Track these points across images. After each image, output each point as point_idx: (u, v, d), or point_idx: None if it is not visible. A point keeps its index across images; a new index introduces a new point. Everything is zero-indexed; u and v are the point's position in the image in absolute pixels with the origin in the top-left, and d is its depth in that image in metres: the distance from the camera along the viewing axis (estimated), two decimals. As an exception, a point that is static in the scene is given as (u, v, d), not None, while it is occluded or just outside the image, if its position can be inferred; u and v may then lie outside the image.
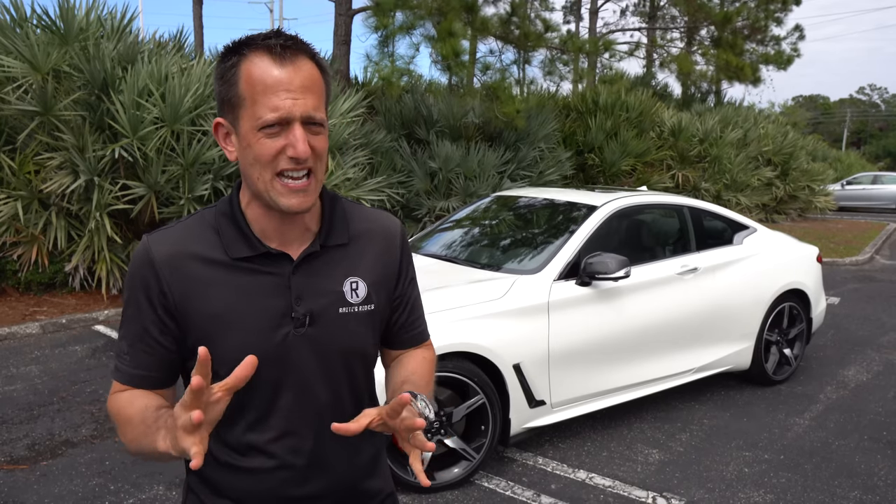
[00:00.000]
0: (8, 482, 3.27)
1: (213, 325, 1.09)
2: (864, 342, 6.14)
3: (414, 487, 3.24)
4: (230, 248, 1.11)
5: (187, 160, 6.67)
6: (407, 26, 9.17)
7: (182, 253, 1.11)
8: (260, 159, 1.04)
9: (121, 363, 1.13)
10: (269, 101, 1.01)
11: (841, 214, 20.92)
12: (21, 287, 6.65)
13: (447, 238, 4.63)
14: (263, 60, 1.02)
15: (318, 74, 1.06)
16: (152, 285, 1.09)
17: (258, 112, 1.02)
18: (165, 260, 1.10)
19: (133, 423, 1.06)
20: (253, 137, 1.03)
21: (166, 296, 1.09)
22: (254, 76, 1.02)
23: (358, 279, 1.19)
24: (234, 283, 1.10)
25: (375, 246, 1.22)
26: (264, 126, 1.02)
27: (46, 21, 6.61)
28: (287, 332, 1.12)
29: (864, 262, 11.21)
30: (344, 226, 1.19)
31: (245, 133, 1.04)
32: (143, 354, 1.11)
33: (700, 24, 16.02)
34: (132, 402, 1.09)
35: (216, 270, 1.10)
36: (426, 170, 9.48)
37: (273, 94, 1.01)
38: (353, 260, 1.19)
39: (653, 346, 4.06)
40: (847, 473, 3.61)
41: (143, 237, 1.14)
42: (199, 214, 1.16)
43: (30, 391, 4.42)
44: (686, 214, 4.60)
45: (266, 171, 1.05)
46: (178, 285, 1.09)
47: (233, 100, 1.05)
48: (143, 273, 1.10)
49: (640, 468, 3.61)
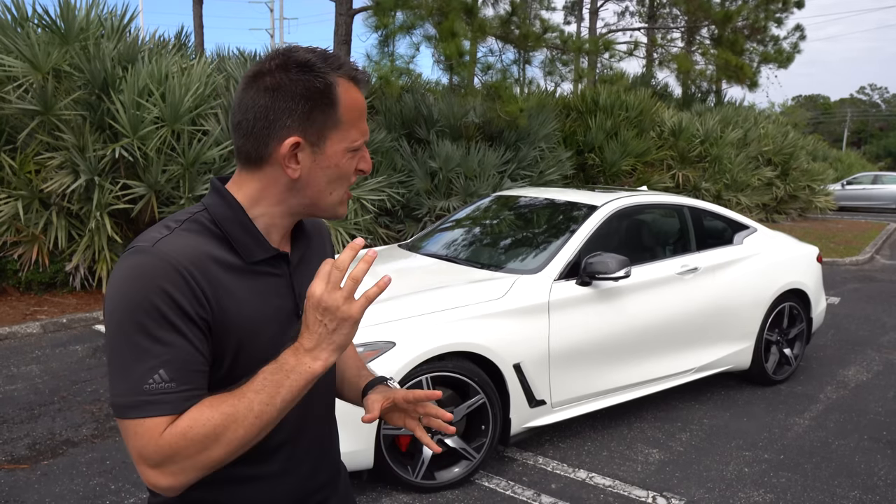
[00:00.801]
0: (9, 482, 3.27)
1: (244, 331, 1.06)
2: (865, 342, 6.14)
3: (414, 487, 3.24)
4: (245, 252, 1.09)
5: (187, 160, 6.67)
6: (407, 26, 9.18)
7: (204, 257, 1.03)
8: (345, 176, 1.12)
9: (161, 396, 0.95)
10: (360, 126, 1.11)
11: (841, 214, 20.92)
12: (22, 287, 6.65)
13: (447, 238, 4.63)
14: (351, 86, 1.10)
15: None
16: (182, 293, 0.97)
17: (353, 135, 1.10)
18: (190, 264, 1.00)
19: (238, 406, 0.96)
20: (343, 157, 1.11)
21: (201, 303, 0.99)
22: (349, 102, 1.09)
23: None
24: (252, 287, 1.09)
25: (321, 242, 1.32)
26: (356, 148, 1.11)
27: (47, 20, 6.61)
28: (296, 330, 1.12)
29: (865, 262, 11.21)
30: (302, 225, 1.25)
31: (334, 153, 1.10)
32: (193, 374, 0.98)
33: (700, 24, 16.02)
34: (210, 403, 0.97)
35: (235, 275, 1.07)
36: (426, 169, 9.48)
37: (362, 119, 1.12)
38: (315, 255, 1.27)
39: (653, 346, 4.06)
40: (847, 473, 3.62)
41: (139, 251, 1.00)
42: (188, 220, 1.08)
43: (30, 391, 4.43)
44: (686, 214, 4.60)
45: (344, 185, 1.14)
46: (210, 291, 1.01)
47: (327, 121, 1.08)
48: (165, 283, 0.96)
49: (640, 468, 3.61)
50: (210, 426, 0.95)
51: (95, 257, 6.59)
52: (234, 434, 0.96)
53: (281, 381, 0.97)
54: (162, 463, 0.95)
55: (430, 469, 3.28)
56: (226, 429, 0.95)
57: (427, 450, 3.26)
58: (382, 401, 1.22)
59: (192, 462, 0.95)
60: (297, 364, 0.98)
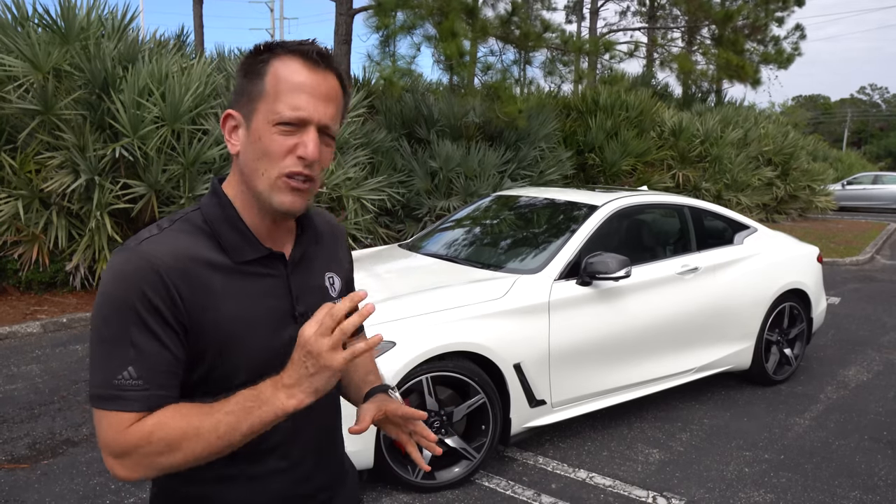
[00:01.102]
0: (9, 481, 3.27)
1: (227, 333, 1.06)
2: (865, 342, 6.14)
3: (414, 487, 3.24)
4: (233, 252, 1.09)
5: (188, 159, 6.67)
6: (408, 26, 9.18)
7: (187, 258, 1.04)
8: (269, 154, 1.04)
9: (130, 392, 0.98)
10: (291, 100, 1.02)
11: (841, 214, 20.92)
12: (22, 286, 6.65)
13: (448, 238, 4.63)
14: (296, 63, 1.04)
15: (341, 92, 1.09)
16: (160, 296, 0.99)
17: (277, 107, 1.03)
18: (171, 267, 1.01)
19: (202, 422, 0.97)
20: (266, 131, 1.04)
21: (178, 306, 1.01)
22: (282, 74, 1.03)
23: (333, 274, 1.25)
24: (242, 288, 1.08)
25: (335, 242, 1.29)
26: (280, 122, 1.03)
27: (47, 20, 6.61)
28: (291, 332, 1.10)
29: (865, 262, 11.20)
30: (312, 223, 1.22)
31: (258, 126, 1.04)
32: (163, 375, 1.00)
33: (700, 24, 16.01)
34: (181, 411, 0.99)
35: (222, 275, 1.07)
36: (427, 169, 9.48)
37: (298, 93, 1.03)
38: (325, 256, 1.24)
39: (653, 346, 4.06)
40: (847, 473, 3.61)
41: (126, 249, 1.02)
42: (181, 220, 1.09)
43: (31, 390, 4.43)
44: (686, 214, 4.60)
45: (273, 167, 1.05)
46: (188, 293, 1.02)
47: (253, 92, 1.05)
48: (144, 285, 0.99)
49: (640, 468, 3.61)
50: (173, 434, 0.97)
51: (95, 257, 6.59)
52: (194, 447, 0.98)
53: (252, 410, 0.98)
54: (122, 455, 0.98)
55: (431, 469, 3.27)
56: (188, 441, 0.97)
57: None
58: (375, 412, 1.20)
59: (149, 461, 0.98)
60: (272, 397, 0.97)
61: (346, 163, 8.01)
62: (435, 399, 3.24)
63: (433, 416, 3.26)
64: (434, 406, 3.24)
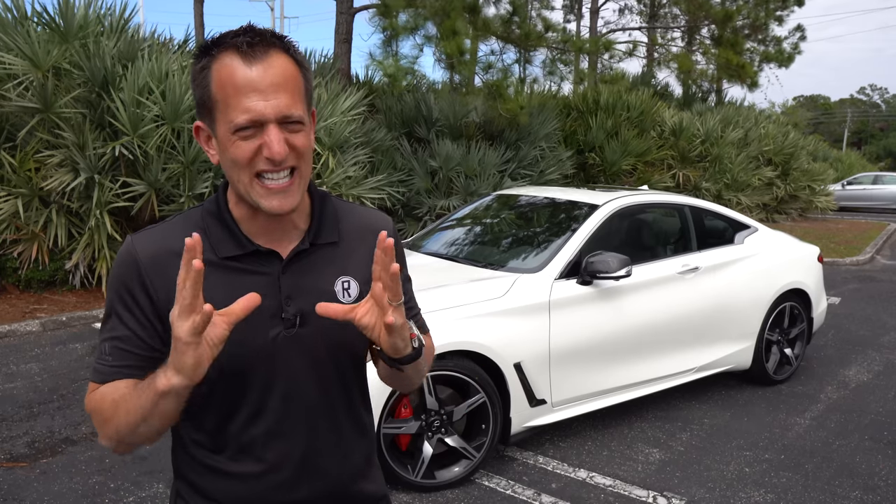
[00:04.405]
0: (8, 480, 3.26)
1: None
2: (865, 342, 6.13)
3: (414, 487, 3.23)
4: (218, 247, 1.08)
5: (188, 158, 6.66)
6: (411, 27, 9.18)
7: (167, 252, 1.06)
8: (237, 162, 1.02)
9: (101, 364, 1.08)
10: (239, 104, 0.99)
11: (841, 214, 20.91)
12: (21, 285, 6.64)
13: (448, 237, 4.62)
14: (233, 60, 1.00)
15: (292, 69, 1.03)
16: (136, 286, 1.06)
17: (230, 115, 1.00)
18: (150, 260, 1.07)
19: (125, 398, 1.02)
20: (228, 140, 1.01)
21: (151, 297, 1.06)
22: (223, 78, 1.00)
23: (350, 278, 1.16)
24: (223, 283, 1.07)
25: (367, 244, 1.18)
26: (238, 129, 1.00)
27: (46, 18, 6.60)
28: (277, 332, 1.09)
29: (865, 262, 11.20)
30: (334, 224, 1.17)
31: (221, 136, 1.03)
32: (128, 354, 1.07)
33: (701, 23, 16.01)
34: (117, 386, 1.06)
35: (205, 269, 1.06)
36: (427, 168, 9.47)
37: (243, 95, 0.99)
38: (344, 259, 1.17)
39: (654, 346, 4.06)
40: (848, 473, 3.61)
41: (127, 237, 1.10)
42: (184, 214, 1.14)
43: (30, 389, 4.42)
44: (687, 214, 4.59)
45: (244, 173, 1.02)
46: (163, 286, 1.05)
47: (207, 103, 1.03)
48: (126, 274, 1.07)
49: (640, 467, 3.60)
50: (105, 406, 1.05)
51: (95, 255, 6.58)
52: (117, 421, 1.03)
53: (145, 389, 0.99)
54: (91, 417, 1.10)
55: (431, 468, 3.27)
56: (114, 414, 1.04)
57: (427, 449, 3.25)
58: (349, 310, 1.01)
59: (99, 430, 1.08)
60: (155, 377, 0.96)
61: (346, 161, 8.00)
62: (435, 398, 3.23)
63: (433, 415, 3.25)
64: (434, 405, 3.24)
